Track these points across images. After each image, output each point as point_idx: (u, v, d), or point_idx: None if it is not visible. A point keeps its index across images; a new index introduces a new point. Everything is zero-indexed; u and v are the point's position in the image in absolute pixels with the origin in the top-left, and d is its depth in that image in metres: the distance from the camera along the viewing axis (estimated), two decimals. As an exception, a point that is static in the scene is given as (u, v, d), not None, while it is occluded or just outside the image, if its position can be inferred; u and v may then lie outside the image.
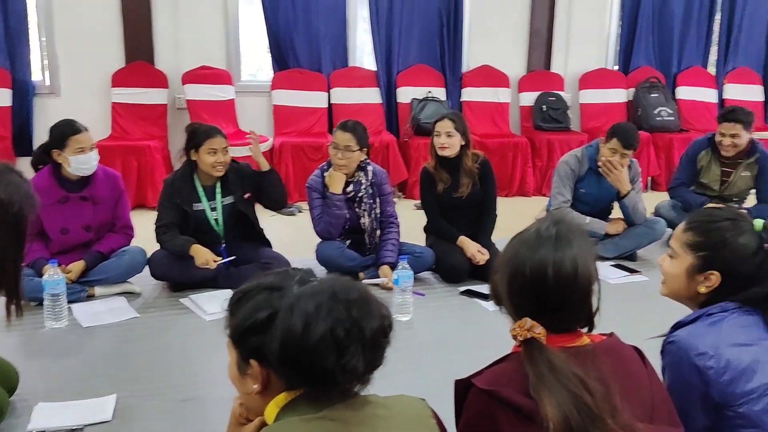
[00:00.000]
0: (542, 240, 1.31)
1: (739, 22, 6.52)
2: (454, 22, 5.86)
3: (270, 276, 1.16)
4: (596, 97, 6.22)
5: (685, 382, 1.55)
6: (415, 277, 3.51)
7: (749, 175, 4.25)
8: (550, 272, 1.28)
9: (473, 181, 3.67)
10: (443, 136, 3.59)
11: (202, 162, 3.30)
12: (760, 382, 1.50)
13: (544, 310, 1.29)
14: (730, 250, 1.60)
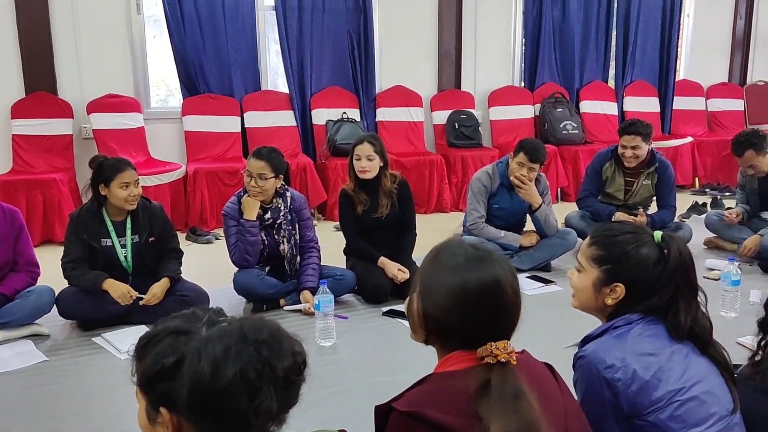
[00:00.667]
0: (474, 260, 1.31)
1: (633, 39, 6.90)
2: (365, 44, 5.93)
3: (177, 319, 1.13)
4: (505, 113, 6.42)
5: (597, 395, 1.59)
6: (338, 300, 3.50)
7: (650, 184, 4.47)
8: (502, 283, 1.29)
9: (392, 201, 3.71)
10: (363, 159, 3.61)
11: (114, 197, 3.18)
12: (666, 390, 1.55)
13: (481, 326, 1.28)
14: (632, 262, 1.65)
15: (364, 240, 3.72)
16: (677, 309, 1.61)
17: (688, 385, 1.57)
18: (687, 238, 4.42)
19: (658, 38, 7.06)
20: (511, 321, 1.33)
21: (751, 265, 4.17)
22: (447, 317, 1.29)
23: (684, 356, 1.61)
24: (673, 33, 7.03)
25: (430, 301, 1.32)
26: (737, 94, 7.51)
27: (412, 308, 1.37)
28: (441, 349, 1.35)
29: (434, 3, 6.18)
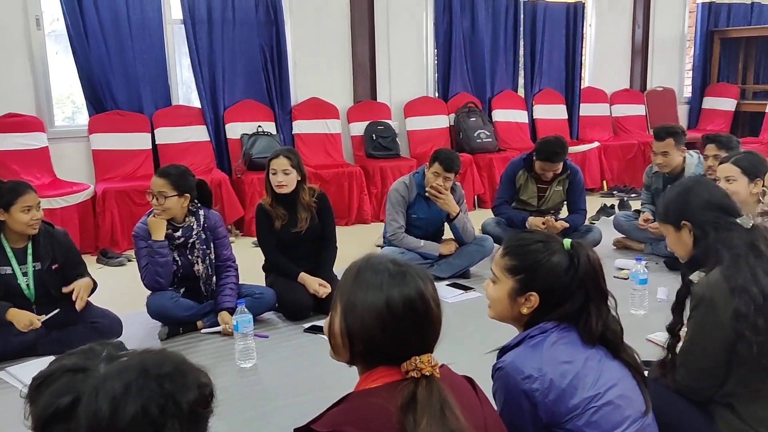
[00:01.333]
0: (397, 276, 1.31)
1: (540, 49, 7.13)
2: (278, 57, 5.87)
3: (72, 356, 1.06)
4: (421, 123, 6.50)
5: (515, 405, 1.61)
6: (258, 318, 3.44)
7: (562, 189, 4.62)
8: (427, 297, 1.30)
9: (311, 215, 3.67)
10: (280, 174, 3.55)
11: (16, 221, 3.01)
12: (582, 397, 1.58)
13: (405, 341, 1.28)
14: (544, 271, 1.68)
15: (284, 255, 3.66)
16: (588, 314, 1.65)
17: (602, 391, 1.61)
18: (597, 239, 4.60)
19: (563, 48, 7.32)
20: (435, 334, 1.34)
21: (657, 264, 4.36)
22: (373, 336, 1.28)
23: (598, 361, 1.65)
24: (577, 42, 7.31)
25: (354, 321, 1.30)
26: (639, 100, 7.88)
27: (334, 329, 1.35)
28: (364, 367, 1.34)
29: (346, 15, 6.20)
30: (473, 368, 1.99)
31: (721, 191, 2.02)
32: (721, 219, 1.95)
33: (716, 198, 2.01)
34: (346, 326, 1.31)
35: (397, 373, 1.27)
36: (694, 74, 8.33)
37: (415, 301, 1.28)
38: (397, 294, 1.28)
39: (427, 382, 1.25)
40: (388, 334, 1.27)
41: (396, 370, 1.27)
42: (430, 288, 1.33)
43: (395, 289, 1.28)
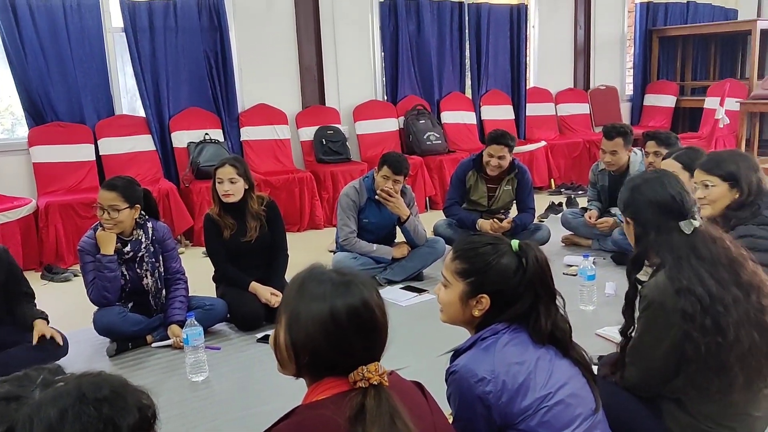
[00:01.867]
0: (341, 285, 1.31)
1: (486, 50, 7.22)
2: (223, 63, 5.80)
3: (5, 383, 1.03)
4: (371, 127, 6.50)
5: (470, 409, 1.62)
6: (209, 330, 3.39)
7: (511, 189, 4.68)
8: (371, 305, 1.30)
9: (261, 223, 3.63)
10: (226, 182, 3.51)
11: None
12: (534, 398, 1.60)
13: (352, 351, 1.28)
14: (494, 273, 1.69)
15: (234, 265, 3.61)
16: (538, 314, 1.67)
17: (554, 390, 1.63)
18: (546, 237, 4.68)
19: (508, 49, 7.43)
20: (381, 342, 1.33)
21: (605, 259, 4.46)
22: (319, 347, 1.28)
23: (548, 361, 1.67)
24: (521, 44, 7.43)
25: (299, 333, 1.29)
26: (583, 99, 8.06)
27: (279, 343, 1.34)
28: (311, 379, 1.33)
29: (291, 20, 6.16)
30: (428, 371, 2.00)
31: (671, 192, 1.98)
32: (662, 221, 1.95)
33: (661, 199, 1.98)
34: (291, 339, 1.30)
35: (345, 383, 1.26)
36: (635, 72, 8.55)
37: (360, 310, 1.28)
38: (341, 304, 1.27)
39: (375, 392, 1.24)
40: (333, 345, 1.27)
41: (343, 380, 1.27)
42: (375, 296, 1.32)
43: (339, 299, 1.28)
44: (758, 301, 1.84)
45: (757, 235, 2.35)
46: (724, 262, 1.86)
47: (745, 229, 2.38)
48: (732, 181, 2.45)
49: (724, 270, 1.85)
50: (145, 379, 3.00)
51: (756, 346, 1.80)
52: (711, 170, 2.47)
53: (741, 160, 2.47)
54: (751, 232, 2.36)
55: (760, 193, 2.43)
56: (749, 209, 2.41)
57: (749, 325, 1.81)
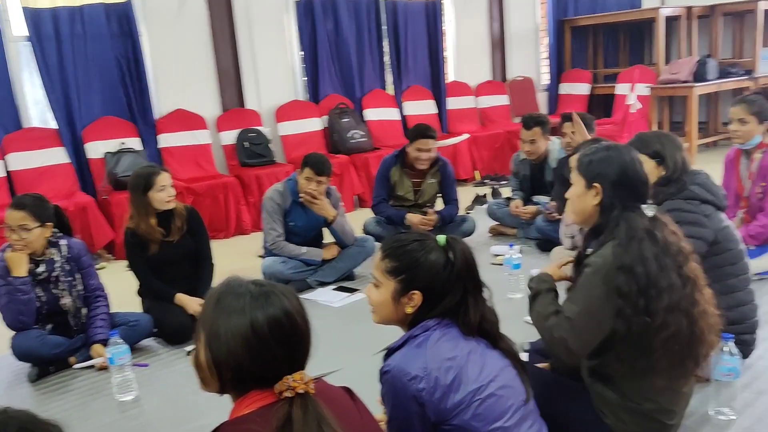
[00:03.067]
0: (260, 297, 1.28)
1: (404, 46, 7.25)
2: (136, 69, 5.62)
3: None
4: (294, 128, 6.44)
5: (404, 408, 1.63)
6: (136, 347, 3.29)
7: (435, 182, 4.73)
8: (293, 315, 1.29)
9: (183, 226, 3.54)
10: (168, 188, 3.43)
11: None
12: (467, 391, 1.62)
13: (276, 363, 1.26)
14: (424, 269, 1.71)
15: (159, 278, 3.51)
16: (467, 307, 1.70)
17: (486, 382, 1.65)
18: (472, 228, 4.76)
19: (426, 44, 7.49)
20: (305, 350, 1.32)
21: (530, 247, 4.56)
22: (241, 362, 1.25)
23: (479, 354, 1.69)
24: (438, 38, 7.51)
25: (219, 349, 1.26)
26: (501, 90, 8.22)
27: (200, 361, 1.30)
28: (236, 394, 1.30)
29: (205, 23, 6.02)
30: (363, 371, 1.99)
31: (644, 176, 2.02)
32: (630, 200, 1.97)
33: (635, 178, 2.00)
34: (212, 356, 1.27)
35: (271, 395, 1.25)
36: (550, 62, 8.77)
37: (281, 320, 1.26)
38: (261, 315, 1.25)
39: (301, 401, 1.23)
40: (256, 358, 1.25)
41: (269, 392, 1.25)
42: (296, 304, 1.31)
43: (258, 310, 1.26)
44: (692, 294, 1.91)
45: (684, 208, 2.46)
46: (673, 252, 1.92)
47: (673, 203, 2.49)
48: (658, 159, 2.55)
49: (670, 258, 1.90)
50: (70, 403, 2.88)
51: (681, 333, 1.86)
52: (639, 149, 2.56)
53: (666, 140, 2.60)
54: (678, 206, 2.47)
55: (685, 170, 2.56)
56: (676, 185, 2.52)
57: (679, 312, 1.87)
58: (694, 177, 2.54)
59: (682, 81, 7.30)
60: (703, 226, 2.45)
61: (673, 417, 1.97)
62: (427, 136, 4.52)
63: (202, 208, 5.48)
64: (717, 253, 2.47)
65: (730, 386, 2.27)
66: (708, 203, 2.49)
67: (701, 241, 2.43)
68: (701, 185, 2.51)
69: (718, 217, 2.51)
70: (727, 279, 2.47)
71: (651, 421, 1.94)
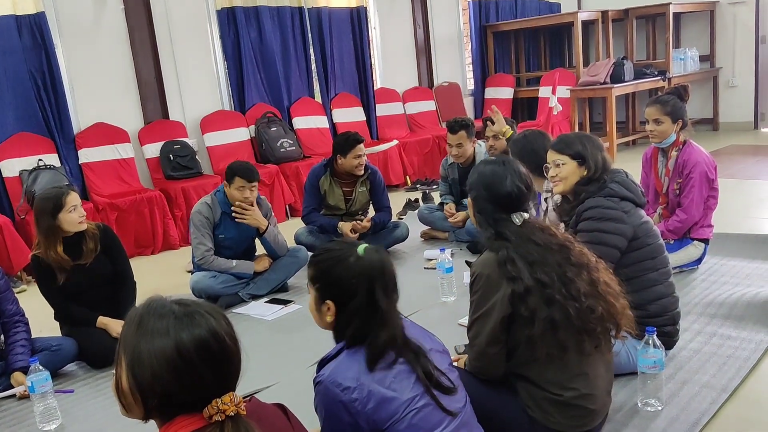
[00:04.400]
0: (184, 317, 1.23)
1: (330, 54, 7.23)
2: (52, 83, 5.40)
3: None
4: (220, 138, 6.32)
5: (336, 418, 1.61)
6: (59, 372, 3.15)
7: (365, 190, 4.73)
8: (222, 336, 1.23)
9: (96, 246, 3.36)
10: (79, 208, 3.25)
11: None
12: (401, 401, 1.62)
13: (202, 387, 1.20)
14: (333, 278, 1.72)
15: (78, 303, 3.34)
16: (375, 335, 1.67)
17: (420, 393, 1.65)
18: (405, 234, 4.79)
19: (353, 51, 7.49)
20: (235, 371, 1.27)
21: (461, 249, 4.62)
22: (167, 386, 1.19)
23: (411, 366, 1.69)
24: (364, 45, 7.53)
25: (143, 374, 1.20)
26: (429, 96, 8.31)
27: (122, 387, 1.24)
28: (161, 420, 1.25)
29: (124, 34, 5.84)
30: (299, 384, 1.97)
31: (509, 188, 2.06)
32: (497, 212, 2.08)
33: (498, 194, 2.07)
34: (135, 381, 1.20)
35: (200, 419, 1.20)
36: (474, 67, 8.94)
37: (208, 341, 1.21)
38: (187, 336, 1.20)
39: (232, 424, 1.19)
40: (184, 382, 1.19)
41: (197, 416, 1.20)
42: (224, 323, 1.26)
43: (184, 331, 1.20)
44: (589, 276, 2.01)
45: (604, 205, 2.55)
46: (555, 248, 2.02)
47: (594, 201, 2.57)
48: (580, 159, 2.63)
49: (556, 253, 2.01)
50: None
51: (606, 312, 1.97)
52: (561, 150, 2.68)
53: (587, 141, 2.67)
54: (599, 203, 2.56)
55: (606, 169, 2.64)
56: (596, 183, 2.60)
57: (594, 295, 1.97)
58: (614, 175, 2.62)
59: (600, 83, 7.56)
60: (623, 222, 2.53)
61: (595, 401, 2.02)
62: (360, 141, 4.53)
63: (127, 224, 5.33)
64: (637, 248, 2.55)
65: (656, 378, 2.35)
66: (627, 200, 2.58)
67: (621, 237, 2.52)
68: (620, 183, 2.60)
69: (638, 213, 2.60)
70: (647, 273, 2.56)
71: (574, 408, 1.99)
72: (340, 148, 4.55)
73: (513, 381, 2.06)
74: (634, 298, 2.14)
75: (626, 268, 2.45)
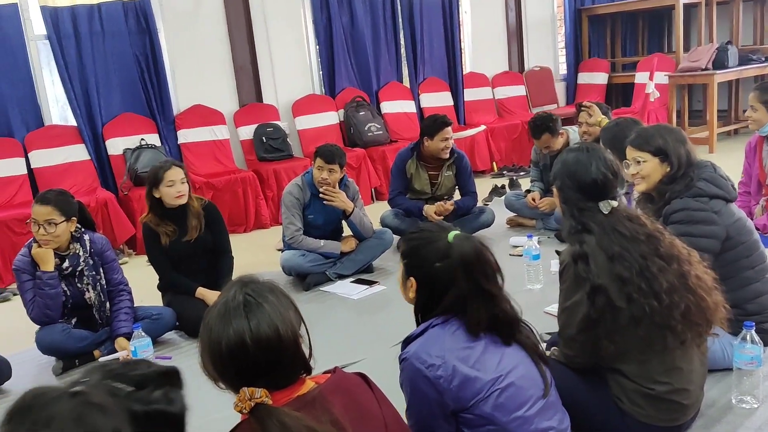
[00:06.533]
0: (230, 311, 1.32)
1: (420, 38, 7.23)
2: (155, 66, 5.67)
3: None
4: (311, 122, 6.46)
5: (422, 394, 1.64)
6: (158, 340, 3.33)
7: (451, 174, 4.72)
8: (248, 342, 1.29)
9: (200, 223, 3.56)
10: (178, 184, 3.44)
11: None
12: (485, 381, 1.63)
13: (258, 376, 1.29)
14: (419, 258, 1.75)
15: (179, 272, 3.55)
16: (472, 307, 1.69)
17: (505, 372, 1.66)
18: (490, 220, 4.75)
19: (442, 36, 7.46)
20: (271, 367, 1.33)
21: (549, 238, 4.55)
22: (215, 372, 1.35)
23: (496, 344, 1.71)
24: (454, 29, 7.48)
25: (213, 355, 1.34)
26: (518, 81, 8.17)
27: (203, 362, 1.37)
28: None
29: (222, 19, 6.05)
30: (382, 363, 2.01)
31: (594, 176, 2.02)
32: (583, 201, 2.04)
33: (583, 182, 2.03)
34: (210, 360, 1.34)
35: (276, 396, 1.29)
36: (567, 52, 8.71)
37: (268, 334, 1.32)
38: (254, 326, 1.32)
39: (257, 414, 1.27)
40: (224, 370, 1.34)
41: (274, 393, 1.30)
42: (277, 313, 1.34)
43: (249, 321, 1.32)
44: (679, 267, 1.93)
45: (693, 207, 2.40)
46: (642, 238, 1.95)
47: (681, 202, 2.43)
48: (662, 156, 2.48)
49: (643, 244, 1.94)
50: (94, 396, 2.93)
51: (696, 306, 1.90)
52: (641, 146, 2.52)
53: (668, 134, 2.50)
54: (686, 205, 2.42)
55: (691, 165, 2.47)
56: (682, 181, 2.44)
57: (681, 289, 1.90)
58: (701, 171, 2.45)
59: (702, 69, 7.21)
60: (714, 224, 2.38)
61: (689, 396, 1.97)
62: (448, 123, 4.54)
63: (221, 203, 5.53)
64: (731, 248, 2.41)
65: (752, 375, 2.25)
66: (717, 198, 2.42)
67: (713, 240, 2.38)
68: (708, 180, 2.43)
69: (729, 210, 2.44)
70: (743, 272, 2.43)
71: (666, 402, 1.95)
72: (428, 130, 4.57)
73: (603, 372, 2.03)
74: (730, 297, 2.04)
75: (721, 268, 2.24)
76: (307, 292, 3.99)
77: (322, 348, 1.49)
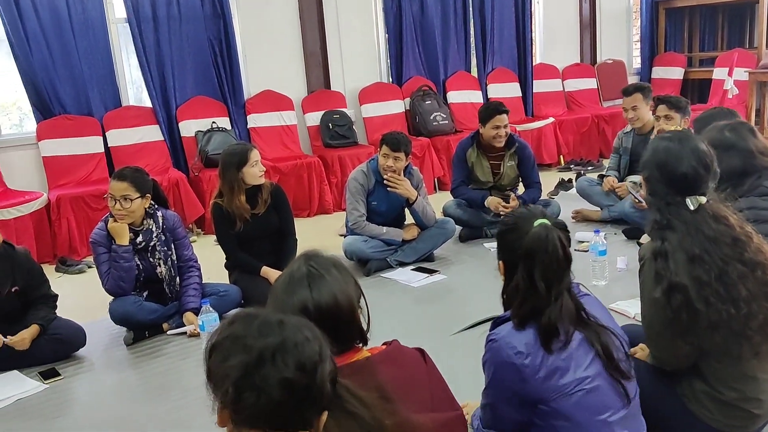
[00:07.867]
0: (295, 282, 1.40)
1: (490, 28, 7.15)
2: (228, 50, 5.79)
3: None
4: (377, 110, 6.48)
5: (502, 378, 1.63)
6: (224, 316, 3.41)
7: (514, 164, 4.66)
8: (311, 308, 1.37)
9: (268, 200, 3.66)
10: (259, 164, 3.60)
11: None
12: (573, 378, 1.60)
13: None
14: (505, 242, 1.74)
15: (245, 252, 3.65)
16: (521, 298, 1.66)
17: (593, 374, 1.62)
18: (556, 213, 4.66)
19: (513, 26, 7.36)
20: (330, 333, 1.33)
21: (616, 234, 4.45)
22: None
23: (589, 345, 1.66)
24: (526, 20, 7.36)
25: None
26: (590, 74, 7.99)
27: None
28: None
29: (294, 5, 6.14)
30: (441, 351, 2.02)
31: (685, 169, 1.92)
32: (670, 194, 1.94)
33: (673, 174, 1.94)
34: None
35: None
36: (641, 45, 8.46)
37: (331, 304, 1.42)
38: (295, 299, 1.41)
39: None
40: None
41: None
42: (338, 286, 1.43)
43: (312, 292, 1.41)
44: (764, 276, 1.84)
45: (760, 206, 2.35)
46: (727, 241, 1.85)
47: (748, 201, 2.37)
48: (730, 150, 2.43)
49: (727, 247, 1.84)
50: (163, 366, 3.05)
51: None
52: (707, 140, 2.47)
53: (738, 128, 2.49)
54: (753, 204, 2.36)
55: (764, 155, 2.43)
56: (749, 179, 2.40)
57: (761, 298, 1.82)
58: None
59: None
60: None
61: (761, 406, 1.90)
62: (501, 111, 4.49)
63: (287, 187, 5.61)
64: None
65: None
66: None
67: None
68: None
69: None
70: None
71: (736, 409, 1.88)
72: (481, 117, 4.56)
73: (679, 373, 1.97)
74: None
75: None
76: (367, 277, 4.03)
77: (379, 333, 1.52)
